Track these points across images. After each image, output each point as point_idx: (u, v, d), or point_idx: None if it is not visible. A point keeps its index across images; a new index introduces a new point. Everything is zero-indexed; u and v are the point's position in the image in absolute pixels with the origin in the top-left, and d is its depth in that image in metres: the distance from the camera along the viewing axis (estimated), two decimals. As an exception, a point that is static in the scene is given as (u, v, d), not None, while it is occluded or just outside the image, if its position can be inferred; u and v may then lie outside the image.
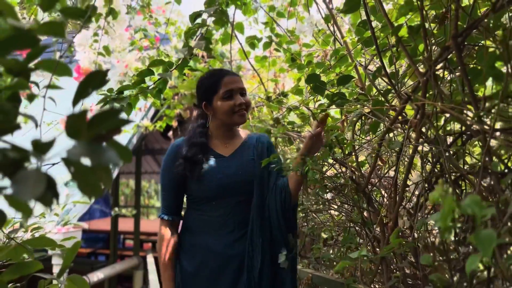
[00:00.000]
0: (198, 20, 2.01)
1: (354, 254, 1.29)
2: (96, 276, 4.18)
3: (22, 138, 0.84)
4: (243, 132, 2.02)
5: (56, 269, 3.55)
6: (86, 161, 0.66)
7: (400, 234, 1.70)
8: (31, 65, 0.88)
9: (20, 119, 0.81)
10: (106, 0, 3.10)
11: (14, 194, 0.56)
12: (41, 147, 0.63)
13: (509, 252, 1.04)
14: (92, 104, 2.97)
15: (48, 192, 0.61)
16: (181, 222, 1.99)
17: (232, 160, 1.87)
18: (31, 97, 1.05)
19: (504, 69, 1.47)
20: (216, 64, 3.01)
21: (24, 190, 0.57)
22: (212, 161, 1.84)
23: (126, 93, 1.80)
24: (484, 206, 0.69)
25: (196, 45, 1.68)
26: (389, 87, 1.64)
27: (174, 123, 3.65)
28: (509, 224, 0.96)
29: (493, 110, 1.17)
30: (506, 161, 1.29)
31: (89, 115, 0.67)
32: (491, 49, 1.26)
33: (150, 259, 5.07)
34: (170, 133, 4.22)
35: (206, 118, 1.92)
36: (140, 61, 3.23)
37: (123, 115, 0.84)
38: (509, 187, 1.17)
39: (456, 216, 0.83)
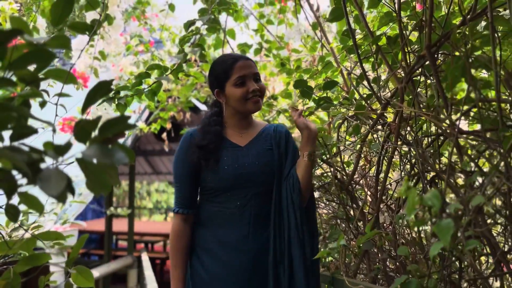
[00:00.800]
0: (192, 27, 2.11)
1: (333, 244, 1.39)
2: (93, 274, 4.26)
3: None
4: (259, 122, 1.92)
5: (52, 268, 3.62)
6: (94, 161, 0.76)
7: (383, 228, 1.81)
8: (41, 75, 0.97)
9: (37, 124, 0.90)
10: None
11: (40, 190, 0.66)
12: (60, 150, 0.73)
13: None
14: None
15: (67, 189, 0.71)
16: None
17: (249, 150, 1.77)
18: (42, 104, 1.15)
19: (482, 75, 1.59)
20: (208, 68, 3.11)
21: (49, 186, 0.66)
22: (227, 151, 1.75)
23: (122, 93, 1.89)
24: (439, 200, 0.80)
25: (191, 51, 1.77)
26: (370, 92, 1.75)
27: (168, 125, 3.74)
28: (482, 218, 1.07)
29: (458, 114, 1.28)
30: (476, 160, 1.41)
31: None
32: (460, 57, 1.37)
33: (144, 257, 5.15)
34: (164, 135, 4.32)
35: (220, 106, 1.83)
36: (135, 65, 3.32)
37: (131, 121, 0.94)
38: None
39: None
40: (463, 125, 1.65)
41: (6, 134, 0.81)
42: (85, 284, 1.20)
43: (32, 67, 0.93)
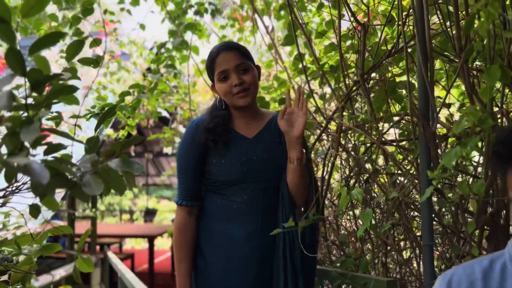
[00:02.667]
0: (163, 49, 2.38)
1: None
2: (59, 273, 4.37)
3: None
4: (266, 111, 1.81)
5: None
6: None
7: (328, 221, 2.14)
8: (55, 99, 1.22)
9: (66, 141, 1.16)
10: (73, 20, 3.36)
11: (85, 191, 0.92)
12: (96, 162, 0.99)
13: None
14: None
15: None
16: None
17: (257, 143, 1.67)
18: (57, 123, 1.39)
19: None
20: (172, 81, 3.37)
21: (91, 188, 0.92)
22: (235, 143, 1.65)
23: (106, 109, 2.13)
24: (362, 195, 1.12)
25: (166, 72, 2.04)
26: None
27: (134, 132, 3.94)
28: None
29: (386, 126, 1.62)
30: (400, 164, 1.76)
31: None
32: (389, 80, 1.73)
33: (111, 254, 5.30)
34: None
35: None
36: (103, 76, 3.51)
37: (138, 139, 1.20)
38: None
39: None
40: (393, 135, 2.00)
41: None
42: (86, 269, 1.44)
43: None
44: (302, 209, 1.66)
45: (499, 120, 1.26)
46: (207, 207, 1.69)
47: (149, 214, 14.39)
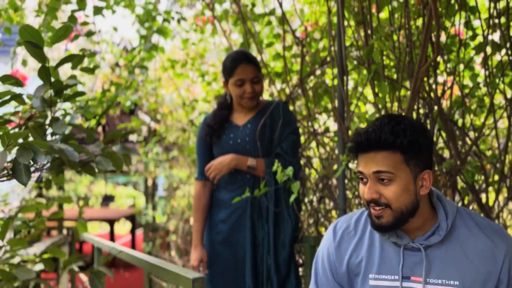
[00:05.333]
0: (135, 50, 2.71)
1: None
2: (33, 250, 4.62)
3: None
4: (262, 101, 2.11)
5: None
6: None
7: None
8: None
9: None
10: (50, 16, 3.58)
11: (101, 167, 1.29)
12: (104, 148, 1.36)
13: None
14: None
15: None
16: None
17: (244, 129, 2.01)
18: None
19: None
20: (139, 75, 3.68)
21: (103, 165, 1.30)
22: (229, 130, 2.03)
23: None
24: (292, 172, 1.55)
25: (140, 73, 2.38)
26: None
27: (104, 121, 4.22)
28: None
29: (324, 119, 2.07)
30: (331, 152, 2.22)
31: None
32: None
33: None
34: (100, 128, 4.76)
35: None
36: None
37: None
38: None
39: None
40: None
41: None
42: (83, 230, 1.81)
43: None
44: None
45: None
46: (220, 180, 2.04)
47: (107, 199, 14.44)
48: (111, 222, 7.77)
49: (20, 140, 1.14)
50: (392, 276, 1.18)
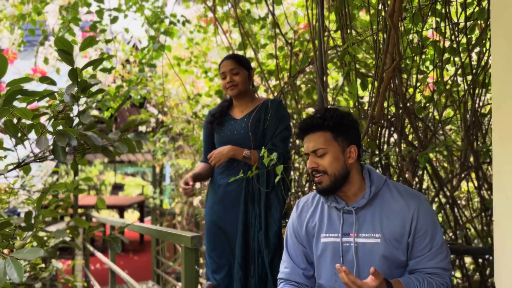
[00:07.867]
0: (145, 49, 2.99)
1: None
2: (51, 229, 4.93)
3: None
4: (259, 98, 2.38)
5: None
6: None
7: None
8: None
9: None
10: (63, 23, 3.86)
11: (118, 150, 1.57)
12: (121, 135, 1.64)
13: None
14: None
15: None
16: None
17: (241, 122, 2.25)
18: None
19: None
20: (148, 72, 3.96)
21: (121, 149, 1.58)
22: (228, 123, 2.27)
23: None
24: (276, 157, 1.83)
25: (149, 70, 2.66)
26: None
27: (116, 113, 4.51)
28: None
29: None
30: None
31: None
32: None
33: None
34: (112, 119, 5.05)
35: None
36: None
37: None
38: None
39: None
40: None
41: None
42: (102, 206, 2.09)
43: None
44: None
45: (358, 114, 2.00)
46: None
47: (117, 188, 14.84)
48: (121, 209, 8.12)
49: (58, 128, 1.41)
50: (336, 234, 1.48)
